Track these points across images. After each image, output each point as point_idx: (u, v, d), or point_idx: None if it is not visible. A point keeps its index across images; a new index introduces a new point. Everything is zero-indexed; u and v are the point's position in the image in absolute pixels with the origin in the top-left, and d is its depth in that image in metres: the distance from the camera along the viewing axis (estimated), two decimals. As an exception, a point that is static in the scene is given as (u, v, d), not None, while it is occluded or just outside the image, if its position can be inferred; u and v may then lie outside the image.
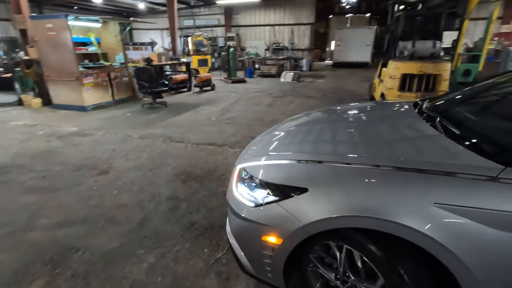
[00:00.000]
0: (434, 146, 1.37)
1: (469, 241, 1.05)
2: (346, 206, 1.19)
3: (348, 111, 2.40)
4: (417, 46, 5.33)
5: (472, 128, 1.49)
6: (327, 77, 13.14)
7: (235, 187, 1.65)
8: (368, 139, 1.63)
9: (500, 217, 1.01)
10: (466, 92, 2.05)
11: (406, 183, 1.15)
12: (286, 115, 6.03)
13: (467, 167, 1.11)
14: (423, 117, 1.71)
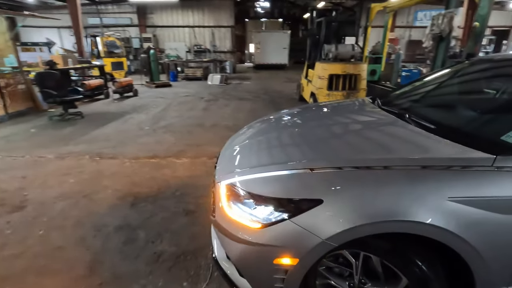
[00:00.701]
0: (429, 143, 1.43)
1: (478, 228, 1.12)
2: (369, 212, 1.14)
3: (323, 111, 2.42)
4: (340, 49, 5.88)
5: (457, 122, 1.65)
6: (253, 79, 13.47)
7: (228, 208, 1.43)
8: (368, 142, 1.63)
9: (498, 202, 1.11)
10: (422, 89, 2.28)
11: (421, 182, 1.16)
12: (226, 118, 5.89)
13: (469, 160, 1.20)
14: (407, 118, 1.71)
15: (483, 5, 4.67)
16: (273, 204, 1.28)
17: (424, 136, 1.47)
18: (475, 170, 1.16)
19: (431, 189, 1.14)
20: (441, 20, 4.85)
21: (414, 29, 16.72)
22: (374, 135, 1.71)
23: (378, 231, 1.14)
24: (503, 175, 1.13)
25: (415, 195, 1.14)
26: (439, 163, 1.20)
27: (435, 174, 1.17)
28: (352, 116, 2.19)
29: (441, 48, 5.11)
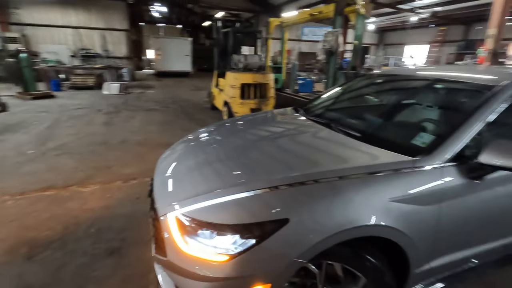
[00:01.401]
0: (360, 150, 1.61)
1: (408, 220, 1.34)
2: (332, 224, 1.20)
3: (254, 125, 2.42)
4: (249, 59, 6.14)
5: (378, 130, 1.90)
6: (157, 87, 12.64)
7: (183, 244, 1.27)
8: (315, 153, 1.71)
9: (419, 197, 1.35)
10: (336, 99, 2.57)
11: (370, 187, 1.30)
12: (136, 133, 5.31)
13: (398, 163, 1.41)
14: (335, 127, 1.91)
15: (359, 28, 5.73)
16: (238, 231, 1.20)
17: (357, 145, 1.66)
18: (404, 172, 1.38)
19: (377, 193, 1.30)
20: (330, 37, 5.68)
21: (303, 42, 19.11)
22: (318, 145, 1.83)
23: (341, 240, 1.22)
24: (420, 173, 1.38)
25: (367, 201, 1.27)
26: (381, 168, 1.38)
27: (379, 179, 1.34)
28: (287, 128, 2.29)
29: (331, 61, 5.98)
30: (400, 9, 12.69)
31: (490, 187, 1.50)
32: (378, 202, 1.28)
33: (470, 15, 13.27)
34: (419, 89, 2.29)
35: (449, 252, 1.55)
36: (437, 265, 1.52)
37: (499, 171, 1.42)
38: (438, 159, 1.42)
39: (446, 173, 1.41)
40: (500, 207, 1.58)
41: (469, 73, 2.16)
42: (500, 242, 1.70)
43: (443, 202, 1.39)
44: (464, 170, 1.43)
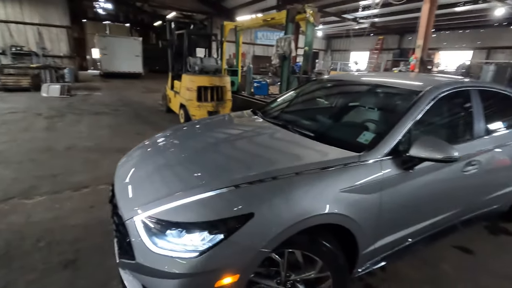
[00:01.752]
0: (318, 149, 1.78)
1: (357, 207, 1.54)
2: (292, 215, 1.33)
3: (214, 128, 2.47)
4: (205, 62, 6.14)
5: (330, 130, 2.10)
6: (104, 89, 11.86)
7: (151, 245, 1.29)
8: (274, 152, 1.84)
9: (364, 187, 1.56)
10: (290, 102, 2.74)
11: (323, 181, 1.47)
12: (84, 138, 4.96)
13: (345, 159, 1.61)
14: (291, 128, 2.07)
15: (308, 35, 6.12)
16: (206, 228, 1.27)
17: (311, 144, 1.84)
18: (351, 166, 1.57)
19: (329, 185, 1.47)
20: (283, 43, 5.96)
21: (257, 46, 19.52)
22: (276, 145, 1.97)
23: (300, 228, 1.35)
24: (364, 166, 1.60)
25: (323, 192, 1.43)
26: (332, 164, 1.56)
27: (330, 173, 1.51)
28: (246, 130, 2.39)
29: (285, 66, 6.27)
30: (344, 18, 13.75)
31: (420, 176, 1.78)
32: (331, 193, 1.45)
33: (403, 26, 14.94)
34: (362, 93, 2.58)
35: (390, 233, 1.80)
36: (380, 245, 1.75)
37: (425, 162, 1.70)
38: (378, 154, 1.65)
39: (384, 165, 1.64)
40: (428, 191, 1.88)
41: (402, 80, 2.50)
42: (429, 222, 2.01)
43: (383, 190, 1.62)
44: (398, 162, 1.69)
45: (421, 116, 1.87)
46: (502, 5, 9.39)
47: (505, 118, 2.52)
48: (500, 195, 2.46)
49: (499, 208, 2.59)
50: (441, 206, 2.05)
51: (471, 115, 2.17)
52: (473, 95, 2.21)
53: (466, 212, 2.28)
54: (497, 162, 2.26)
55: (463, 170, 2.00)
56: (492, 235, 2.66)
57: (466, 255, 2.35)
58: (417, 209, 1.89)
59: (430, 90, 1.99)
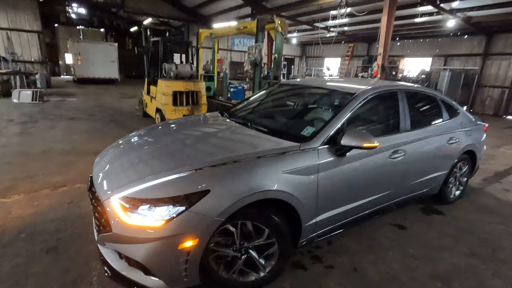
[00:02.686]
0: (267, 141, 2.14)
1: (297, 186, 1.90)
2: (241, 191, 1.67)
3: (184, 126, 2.78)
4: (180, 68, 6.42)
5: (278, 126, 2.48)
6: (79, 94, 11.74)
7: (127, 217, 1.58)
8: (231, 143, 2.20)
9: (302, 170, 1.94)
10: (252, 104, 3.11)
11: (268, 164, 1.82)
12: (60, 142, 5.07)
13: (288, 148, 1.98)
14: (250, 126, 2.44)
15: (278, 43, 6.57)
16: (171, 202, 1.58)
17: (263, 137, 2.21)
18: (292, 153, 1.94)
19: (273, 167, 1.83)
20: (254, 50, 6.37)
21: (234, 52, 19.94)
22: (235, 138, 2.31)
23: (250, 201, 1.69)
24: (303, 153, 1.97)
25: (268, 173, 1.79)
26: (276, 152, 1.92)
27: (275, 158, 1.87)
28: (212, 127, 2.72)
29: (257, 72, 6.68)
30: (316, 27, 14.49)
31: (352, 161, 2.18)
32: (274, 174, 1.81)
33: (370, 35, 15.94)
34: (311, 95, 3.01)
35: (329, 209, 2.18)
36: (321, 219, 2.13)
37: (354, 149, 2.10)
38: (316, 144, 2.04)
39: (321, 152, 2.03)
40: (360, 174, 2.28)
41: (347, 84, 2.93)
42: (365, 200, 2.42)
43: (320, 173, 2.01)
44: (333, 150, 2.08)
45: (355, 113, 2.30)
46: (453, 17, 10.43)
47: (428, 116, 3.03)
48: (428, 180, 2.94)
49: (430, 191, 3.08)
50: (374, 188, 2.47)
51: (397, 112, 2.63)
52: (400, 96, 2.68)
53: (399, 194, 2.73)
54: (421, 152, 2.73)
55: (390, 157, 2.44)
56: (425, 215, 3.14)
57: (400, 230, 2.79)
58: (352, 190, 2.29)
59: (363, 91, 2.42)
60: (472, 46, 13.30)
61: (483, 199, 3.61)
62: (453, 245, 2.60)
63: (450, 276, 2.20)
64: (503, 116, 12.36)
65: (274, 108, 3.12)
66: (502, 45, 12.50)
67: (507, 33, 12.18)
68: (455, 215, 3.15)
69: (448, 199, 3.34)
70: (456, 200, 3.44)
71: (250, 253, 1.87)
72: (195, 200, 1.59)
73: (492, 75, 12.90)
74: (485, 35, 12.69)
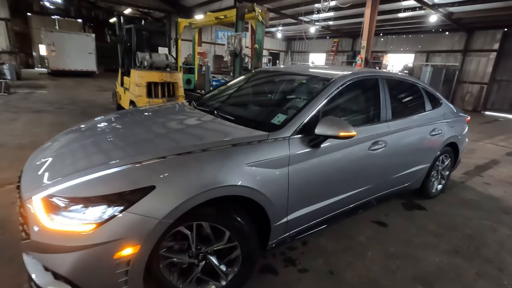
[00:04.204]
0: (231, 130, 1.89)
1: (265, 181, 1.66)
2: (196, 186, 1.41)
3: (144, 114, 2.46)
4: (154, 58, 6.03)
5: (246, 114, 2.22)
6: (51, 87, 11.06)
7: (49, 221, 1.29)
8: (190, 133, 1.90)
9: (272, 162, 1.69)
10: (225, 92, 2.83)
11: (229, 156, 1.56)
12: (18, 136, 4.62)
13: (254, 137, 1.72)
14: (215, 114, 2.17)
15: (259, 32, 6.29)
16: (105, 202, 1.30)
17: (228, 125, 1.94)
18: (258, 143, 1.69)
19: (235, 159, 1.57)
20: (233, 40, 6.07)
21: (217, 46, 19.45)
22: (195, 127, 2.04)
23: (205, 199, 1.43)
24: (272, 144, 1.73)
25: (226, 166, 1.53)
26: (239, 141, 1.66)
27: (236, 149, 1.61)
28: (175, 116, 2.43)
29: (237, 63, 6.39)
30: (301, 21, 14.28)
31: (328, 153, 1.95)
32: (235, 167, 1.55)
33: (355, 30, 15.90)
34: (285, 82, 2.77)
35: (302, 206, 1.95)
36: (293, 217, 1.89)
37: (330, 139, 1.88)
38: (287, 133, 1.79)
39: (292, 143, 1.79)
40: (337, 168, 2.06)
41: (324, 70, 2.70)
42: (342, 196, 2.21)
43: (292, 166, 1.76)
44: (306, 140, 1.85)
45: (332, 101, 2.07)
46: (435, 12, 10.45)
47: (410, 105, 2.85)
48: (410, 173, 2.77)
49: (411, 185, 2.92)
50: (352, 182, 2.26)
51: (378, 101, 2.43)
52: (381, 83, 2.47)
53: (379, 189, 2.54)
54: (403, 144, 2.54)
55: (370, 148, 2.23)
56: (406, 210, 2.98)
57: (381, 228, 2.61)
58: (328, 184, 2.06)
59: (339, 77, 2.19)
60: (453, 42, 13.47)
61: (464, 193, 3.50)
62: (435, 243, 2.44)
63: (432, 277, 2.02)
64: (482, 111, 12.61)
65: (247, 96, 2.85)
66: (481, 42, 12.72)
67: (486, 30, 12.38)
68: (437, 210, 3.01)
69: (430, 194, 3.20)
70: (438, 195, 3.31)
71: (209, 259, 1.62)
72: (136, 199, 1.31)
73: (472, 71, 13.12)
74: (465, 32, 12.86)
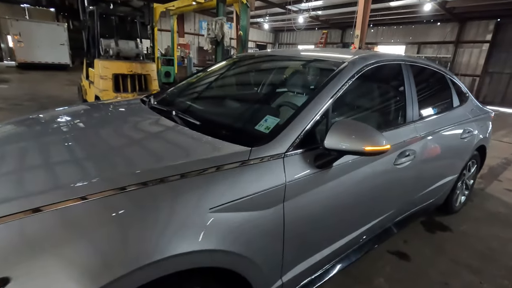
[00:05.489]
0: (190, 143, 1.20)
1: (245, 234, 0.99)
2: (97, 269, 0.71)
3: (59, 117, 1.71)
4: (121, 46, 5.20)
5: (221, 117, 1.51)
6: (13, 81, 9.96)
7: None
8: (99, 152, 1.16)
9: (259, 198, 1.02)
10: (187, 87, 2.12)
11: (179, 196, 0.87)
12: None
13: (226, 157, 1.04)
14: (164, 114, 1.50)
15: (243, 18, 5.55)
16: None
17: (187, 137, 1.24)
18: (233, 168, 1.01)
19: (190, 203, 0.88)
20: (214, 26, 5.31)
21: (202, 37, 18.49)
22: (126, 145, 1.29)
23: None
24: (258, 166, 1.05)
25: (172, 216, 0.83)
26: (196, 166, 0.97)
27: (191, 183, 0.92)
28: (115, 121, 1.69)
29: (219, 51, 5.64)
30: (289, 10, 13.55)
31: (341, 175, 1.30)
32: (191, 216, 0.87)
33: (344, 21, 15.32)
34: (279, 71, 2.06)
35: (305, 257, 1.29)
36: (292, 276, 1.24)
37: (346, 155, 1.22)
38: (280, 147, 1.12)
39: (289, 163, 1.11)
40: (353, 194, 1.41)
41: (329, 53, 2.02)
42: (360, 231, 1.57)
43: (288, 201, 1.10)
44: (311, 158, 1.18)
45: (343, 95, 1.39)
46: (429, 0, 9.96)
47: (437, 101, 2.23)
48: (437, 188, 2.16)
49: (435, 202, 2.31)
50: (371, 211, 1.62)
51: (403, 95, 1.78)
52: (405, 71, 1.82)
53: (401, 212, 1.92)
54: (433, 152, 1.92)
55: (395, 163, 1.59)
56: (428, 233, 2.37)
57: (402, 262, 1.99)
58: (340, 220, 1.41)
59: (354, 61, 1.52)
60: (445, 33, 13.10)
61: (489, 204, 2.94)
62: (477, 285, 1.84)
63: None
64: (474, 104, 12.35)
65: (224, 90, 2.13)
66: (474, 32, 12.38)
67: (479, 21, 12.04)
68: (465, 231, 2.42)
69: (454, 209, 2.61)
70: (461, 208, 2.73)
71: None
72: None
73: (464, 63, 12.81)
74: (458, 22, 12.49)
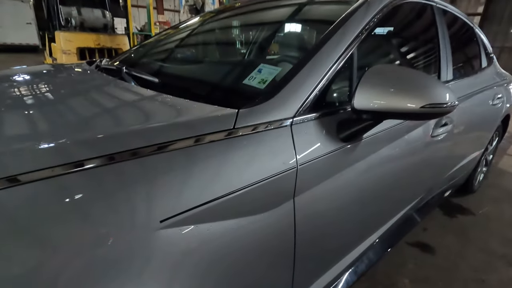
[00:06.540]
0: (138, 107, 0.75)
1: (227, 255, 0.57)
2: None
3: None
4: (85, 14, 4.51)
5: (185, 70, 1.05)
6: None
7: None
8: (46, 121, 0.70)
9: (251, 194, 0.59)
10: (153, 46, 1.63)
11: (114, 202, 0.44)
12: None
13: (195, 123, 0.60)
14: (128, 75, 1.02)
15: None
16: None
17: (141, 98, 0.79)
18: (204, 143, 0.57)
19: (134, 214, 0.45)
20: (192, -10, 4.68)
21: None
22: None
23: None
24: (249, 140, 0.61)
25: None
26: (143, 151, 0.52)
27: (130, 169, 0.48)
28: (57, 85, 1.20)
29: (199, 22, 5.03)
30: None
31: (372, 151, 0.89)
32: (135, 235, 0.44)
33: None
34: (269, 10, 1.56)
35: (326, 269, 0.91)
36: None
37: (387, 119, 0.80)
38: (286, 110, 0.69)
39: (300, 134, 0.69)
40: (383, 176, 1.01)
41: None
42: (388, 225, 1.19)
43: (300, 196, 0.68)
44: (331, 126, 0.75)
45: (365, 39, 0.95)
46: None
47: (468, 59, 1.83)
48: (465, 164, 1.80)
49: (457, 182, 1.96)
50: (402, 199, 1.23)
51: (437, 47, 1.35)
52: (438, 17, 1.39)
53: (428, 196, 1.55)
54: (468, 119, 1.53)
55: (433, 134, 1.19)
56: (447, 217, 2.04)
57: (426, 255, 1.65)
58: (368, 216, 1.02)
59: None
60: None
61: (506, 182, 2.65)
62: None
63: None
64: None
65: (197, 44, 1.63)
66: (465, 4, 12.01)
67: (471, -8, 11.65)
68: (487, 214, 2.11)
69: (473, 189, 2.29)
70: (479, 188, 2.41)
71: None
72: None
73: (454, 37, 12.52)
74: (449, -6, 12.07)
